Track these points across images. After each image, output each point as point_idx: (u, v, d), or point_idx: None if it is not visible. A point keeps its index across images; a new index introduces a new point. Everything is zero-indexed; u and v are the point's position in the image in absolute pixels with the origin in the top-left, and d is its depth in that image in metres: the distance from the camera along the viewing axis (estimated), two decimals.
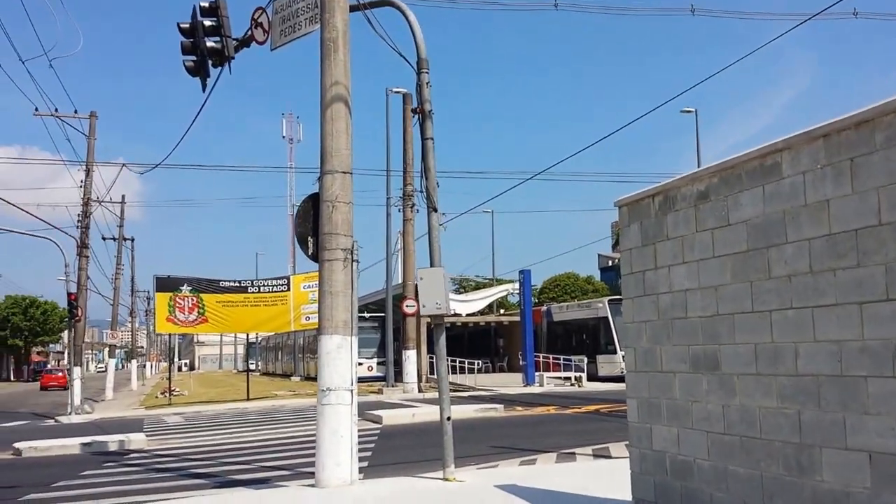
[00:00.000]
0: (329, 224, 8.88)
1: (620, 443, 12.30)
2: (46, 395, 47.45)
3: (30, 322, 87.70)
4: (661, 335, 6.50)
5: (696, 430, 6.05)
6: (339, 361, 8.72)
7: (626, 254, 7.05)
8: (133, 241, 58.07)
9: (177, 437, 17.39)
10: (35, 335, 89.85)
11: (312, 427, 17.87)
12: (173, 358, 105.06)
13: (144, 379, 69.36)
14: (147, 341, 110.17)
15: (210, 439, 16.59)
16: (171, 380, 38.79)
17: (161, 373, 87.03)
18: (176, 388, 40.39)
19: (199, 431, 18.53)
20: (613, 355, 34.56)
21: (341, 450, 8.61)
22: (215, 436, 17.22)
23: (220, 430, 18.72)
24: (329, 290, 8.83)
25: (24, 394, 54.75)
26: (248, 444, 15.17)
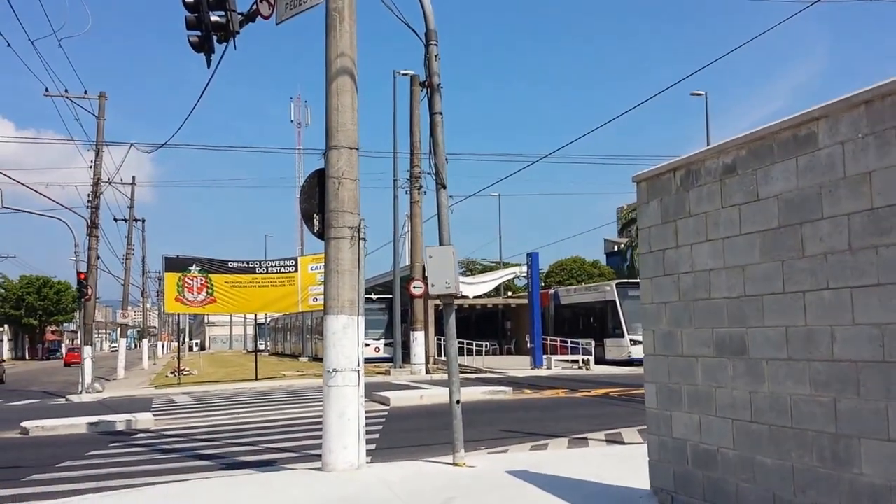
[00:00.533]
0: (335, 201, 8.49)
1: (633, 428, 11.95)
2: (59, 374, 47.32)
3: (44, 302, 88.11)
4: (682, 317, 6.11)
5: (720, 418, 5.67)
6: (345, 342, 8.35)
7: (645, 232, 6.64)
8: (144, 221, 57.95)
9: (184, 417, 17.10)
10: (49, 315, 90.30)
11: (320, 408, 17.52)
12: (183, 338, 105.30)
13: (156, 358, 69.30)
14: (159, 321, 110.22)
15: (217, 419, 16.30)
16: (181, 360, 38.62)
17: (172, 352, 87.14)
18: (185, 368, 40.22)
19: (207, 411, 18.25)
20: (621, 339, 34.11)
21: (348, 433, 8.27)
22: (223, 416, 16.93)
23: (227, 410, 18.44)
24: (335, 269, 8.45)
25: (37, 372, 54.80)
26: (256, 425, 14.86)
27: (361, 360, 8.51)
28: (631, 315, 33.65)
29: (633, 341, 33.22)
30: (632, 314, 33.63)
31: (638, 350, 33.32)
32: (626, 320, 33.79)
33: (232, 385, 27.53)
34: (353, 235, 8.45)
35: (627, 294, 34.46)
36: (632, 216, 63.60)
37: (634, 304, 33.86)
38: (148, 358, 56.19)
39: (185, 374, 36.58)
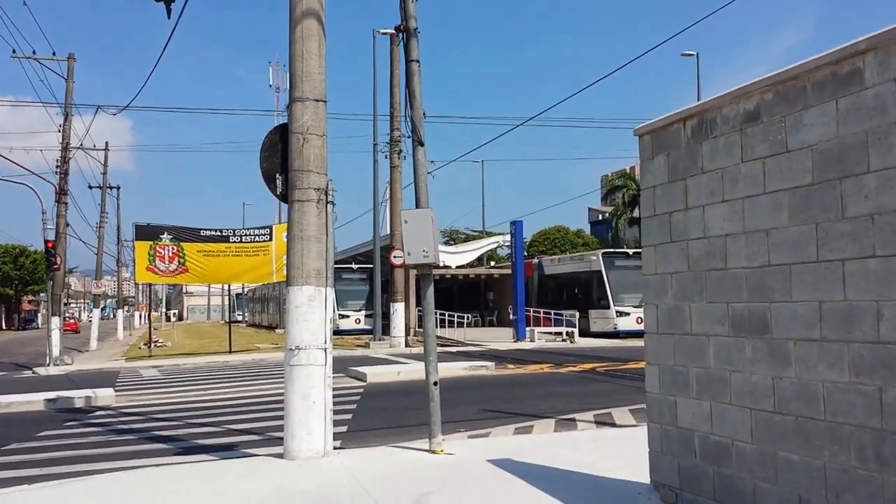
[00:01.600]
0: (299, 159, 7.65)
1: (623, 408, 11.26)
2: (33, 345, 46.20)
3: (20, 271, 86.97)
4: (691, 290, 5.35)
5: (735, 407, 4.93)
6: (310, 316, 7.55)
7: (648, 193, 5.86)
8: (119, 189, 56.64)
9: (148, 393, 16.29)
10: (25, 284, 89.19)
11: None
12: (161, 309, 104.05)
13: (132, 329, 68.35)
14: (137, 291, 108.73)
15: (183, 396, 15.51)
16: (157, 331, 37.68)
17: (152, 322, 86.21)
18: (159, 340, 39.35)
19: (173, 387, 17.44)
20: (607, 310, 33.49)
21: (313, 417, 7.49)
22: (189, 392, 16.13)
23: (195, 385, 17.63)
24: (300, 235, 7.62)
25: (10, 342, 53.74)
26: (221, 402, 14.08)
27: (329, 337, 7.71)
28: (617, 286, 33.09)
29: (619, 313, 32.72)
30: (618, 285, 33.10)
31: (624, 322, 32.84)
32: (613, 291, 33.18)
33: (204, 358, 26.70)
34: (320, 198, 7.62)
35: (614, 264, 33.88)
36: (617, 183, 62.84)
37: (621, 275, 33.32)
38: (123, 329, 55.23)
39: (159, 346, 35.74)
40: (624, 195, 59.93)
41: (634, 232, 60.98)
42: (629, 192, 59.52)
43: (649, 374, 5.83)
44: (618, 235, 60.50)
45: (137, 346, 36.98)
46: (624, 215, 59.98)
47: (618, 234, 60.81)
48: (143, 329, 70.69)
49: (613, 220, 62.27)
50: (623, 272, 33.52)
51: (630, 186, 60.15)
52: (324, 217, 7.65)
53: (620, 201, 60.76)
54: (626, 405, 11.52)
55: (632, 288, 33.16)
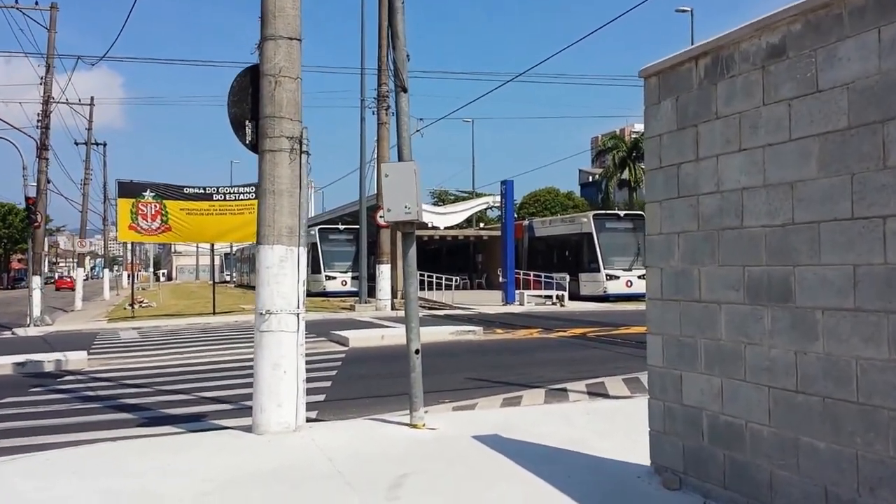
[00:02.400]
0: (271, 104, 6.98)
1: (616, 377, 10.74)
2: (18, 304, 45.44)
3: (9, 229, 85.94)
4: (701, 251, 4.76)
5: (750, 384, 4.37)
6: (281, 278, 6.94)
7: (654, 142, 5.24)
8: (105, 145, 55.43)
9: (123, 356, 15.72)
10: (14, 242, 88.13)
11: None
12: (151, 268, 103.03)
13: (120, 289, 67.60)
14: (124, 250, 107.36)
15: (157, 360, 14.92)
16: (143, 291, 37.00)
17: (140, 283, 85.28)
18: (144, 300, 38.74)
19: (149, 350, 16.84)
20: (597, 273, 33.00)
21: (283, 388, 6.92)
22: (164, 356, 15.53)
23: (172, 348, 17.05)
24: (271, 189, 6.98)
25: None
26: (196, 367, 13.50)
27: (302, 301, 7.11)
28: (608, 248, 32.65)
29: (610, 276, 32.30)
30: (609, 248, 32.66)
31: (614, 286, 32.40)
32: (603, 254, 32.70)
33: (186, 319, 26.08)
34: (293, 147, 6.97)
35: (605, 226, 33.38)
36: (609, 144, 62.22)
37: (612, 237, 32.86)
38: (111, 289, 54.45)
39: (144, 307, 35.16)
40: (614, 157, 59.50)
41: (624, 194, 60.61)
42: (619, 153, 59.13)
43: (651, 345, 5.27)
44: (608, 197, 60.10)
45: (122, 307, 36.33)
46: (614, 177, 59.61)
47: (608, 195, 60.41)
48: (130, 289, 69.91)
49: (603, 181, 61.78)
50: (614, 234, 33.07)
51: (620, 148, 59.71)
52: (297, 169, 7.01)
53: (610, 163, 60.33)
54: (620, 373, 11.00)
55: (622, 251, 32.79)
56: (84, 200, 48.45)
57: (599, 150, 66.56)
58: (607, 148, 62.34)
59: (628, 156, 58.26)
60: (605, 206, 50.04)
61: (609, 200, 59.17)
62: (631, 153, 57.95)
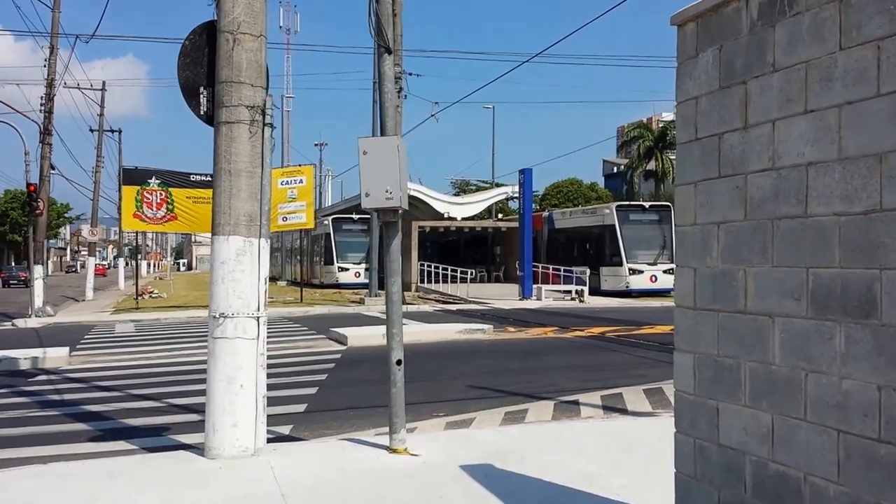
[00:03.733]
0: (228, 67, 5.93)
1: (636, 387, 9.63)
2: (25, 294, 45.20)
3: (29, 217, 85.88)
4: (748, 248, 3.66)
5: (812, 425, 3.28)
6: (238, 275, 5.91)
7: (688, 107, 4.13)
8: (120, 132, 54.62)
9: (107, 354, 14.83)
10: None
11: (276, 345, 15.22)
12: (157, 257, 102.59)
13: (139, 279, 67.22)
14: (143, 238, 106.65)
15: (143, 357, 14.02)
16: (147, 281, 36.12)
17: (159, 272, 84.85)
18: (154, 291, 38.05)
19: (139, 345, 15.93)
20: (619, 267, 31.93)
21: (240, 405, 5.90)
22: (152, 352, 14.57)
23: (163, 343, 16.11)
24: (227, 168, 5.94)
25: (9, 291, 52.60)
26: (180, 366, 12.53)
27: (263, 303, 6.07)
28: (631, 241, 31.63)
29: (632, 270, 31.31)
30: (632, 241, 31.65)
31: (637, 280, 31.31)
32: (626, 247, 31.64)
33: (189, 312, 25.12)
34: (254, 119, 5.93)
35: (628, 218, 32.33)
36: (633, 134, 60.84)
37: (635, 230, 31.82)
38: (125, 278, 53.78)
39: (154, 297, 34.55)
40: (639, 146, 58.23)
41: (650, 185, 59.27)
42: (645, 142, 57.79)
43: (680, 366, 4.18)
44: (633, 189, 58.91)
45: (133, 297, 35.56)
46: (639, 168, 58.34)
47: (633, 187, 59.23)
48: (149, 279, 69.27)
49: (628, 172, 60.48)
50: (638, 227, 32.11)
51: (647, 137, 58.38)
52: (259, 144, 5.97)
53: (636, 153, 59.07)
54: (640, 382, 9.90)
55: (646, 244, 31.77)
56: (95, 188, 47.76)
57: (625, 139, 65.08)
58: (633, 137, 60.98)
59: (655, 145, 57.04)
60: (630, 198, 48.75)
61: (634, 192, 57.84)
62: (658, 143, 56.77)
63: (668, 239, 31.49)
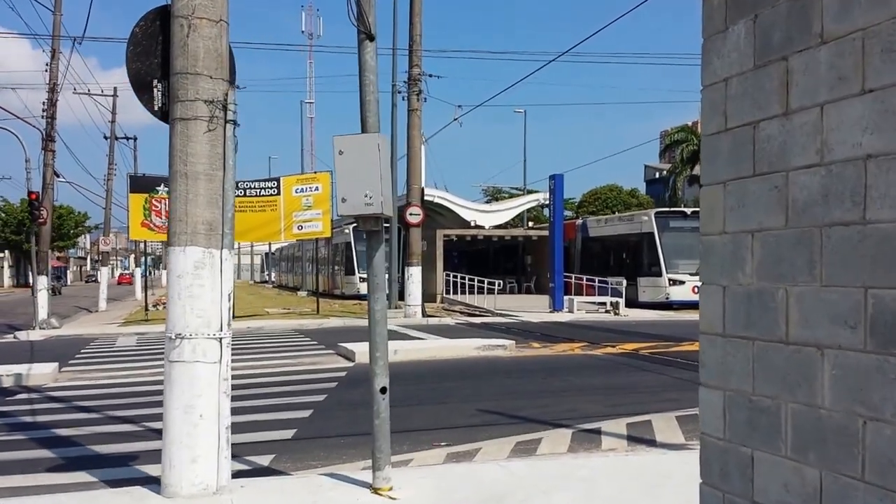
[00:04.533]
0: (183, 56, 5.42)
1: (668, 414, 8.97)
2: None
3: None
4: (790, 262, 3.06)
5: (873, 487, 2.67)
6: (197, 291, 5.40)
7: (716, 92, 3.54)
8: (136, 140, 54.76)
9: (102, 368, 14.48)
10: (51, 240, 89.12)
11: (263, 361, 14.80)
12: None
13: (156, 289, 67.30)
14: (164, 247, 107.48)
15: (134, 374, 13.59)
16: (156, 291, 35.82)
17: None
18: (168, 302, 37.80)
19: (135, 360, 15.50)
20: (658, 278, 31.17)
21: (200, 438, 5.39)
22: (144, 369, 14.09)
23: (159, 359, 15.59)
24: (183, 171, 5.43)
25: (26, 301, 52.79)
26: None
27: (227, 321, 5.55)
28: (671, 250, 30.90)
29: (673, 281, 30.57)
30: (672, 249, 30.92)
31: (677, 291, 30.50)
32: (666, 256, 30.91)
33: None
34: (214, 115, 5.41)
35: (668, 225, 31.59)
36: (677, 138, 59.93)
37: (676, 238, 31.10)
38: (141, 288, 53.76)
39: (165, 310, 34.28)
40: (683, 151, 57.34)
41: (695, 191, 58.26)
42: (689, 146, 56.80)
43: (707, 404, 3.57)
44: (676, 195, 58.10)
45: (146, 308, 35.35)
46: (683, 173, 57.43)
47: (676, 193, 58.40)
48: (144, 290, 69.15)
49: (671, 178, 59.60)
50: (679, 234, 31.38)
51: (691, 141, 57.37)
52: (220, 143, 5.44)
53: (679, 158, 58.22)
54: (672, 408, 9.24)
55: (688, 253, 31.00)
56: (108, 196, 47.98)
57: (668, 143, 64.13)
58: (676, 141, 60.06)
59: (698, 150, 55.80)
60: (672, 205, 47.94)
61: (678, 198, 56.92)
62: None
63: None
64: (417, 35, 25.43)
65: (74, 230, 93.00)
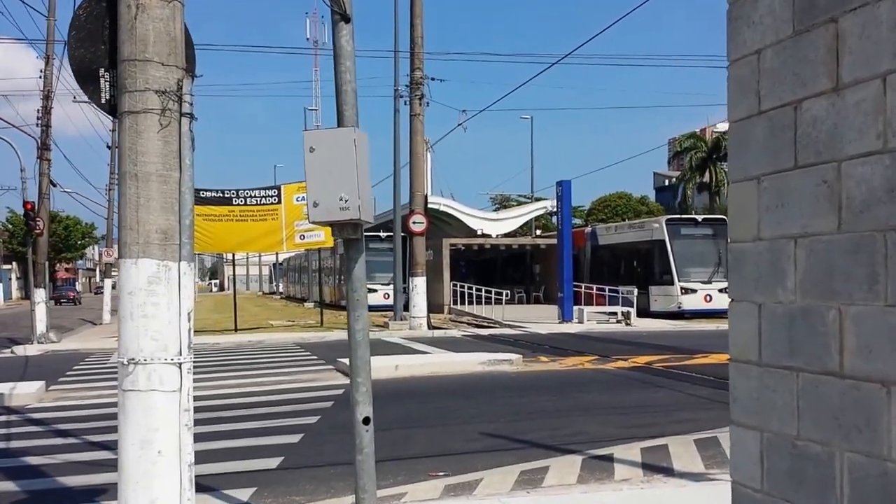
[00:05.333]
0: (131, 41, 4.82)
1: (686, 437, 8.32)
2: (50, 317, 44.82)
3: (52, 237, 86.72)
4: (843, 274, 2.45)
5: None
6: (151, 310, 4.77)
7: (746, 66, 2.93)
8: None
9: (88, 388, 13.89)
10: (57, 251, 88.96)
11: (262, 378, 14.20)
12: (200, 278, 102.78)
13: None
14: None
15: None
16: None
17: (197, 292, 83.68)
18: None
19: None
20: (669, 286, 30.60)
21: (158, 477, 4.77)
22: None
23: None
24: (132, 171, 4.82)
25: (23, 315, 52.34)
26: None
27: (188, 345, 4.92)
28: (683, 258, 30.36)
29: (685, 289, 29.99)
30: (684, 257, 30.39)
31: (689, 300, 29.89)
32: (677, 264, 30.38)
33: (199, 338, 23.97)
34: (167, 107, 4.80)
35: (679, 232, 31.09)
36: (686, 145, 59.63)
37: (687, 245, 30.68)
38: None
39: None
40: (692, 158, 57.28)
41: (704, 199, 57.80)
42: (698, 154, 56.67)
43: (739, 446, 2.96)
44: (686, 202, 57.76)
45: None
46: (692, 180, 57.23)
47: (686, 200, 58.10)
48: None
49: (680, 185, 59.32)
50: (690, 242, 30.93)
51: (700, 148, 57.19)
52: (175, 139, 4.83)
53: (688, 165, 58.03)
54: (690, 429, 8.60)
55: (700, 261, 30.57)
56: (110, 206, 47.35)
57: (676, 151, 63.96)
58: (685, 148, 59.85)
59: (708, 157, 56.05)
60: (682, 212, 47.39)
61: (687, 206, 56.59)
62: (711, 154, 55.86)
63: (723, 255, 30.63)
64: (419, 37, 24.88)
65: (81, 241, 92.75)
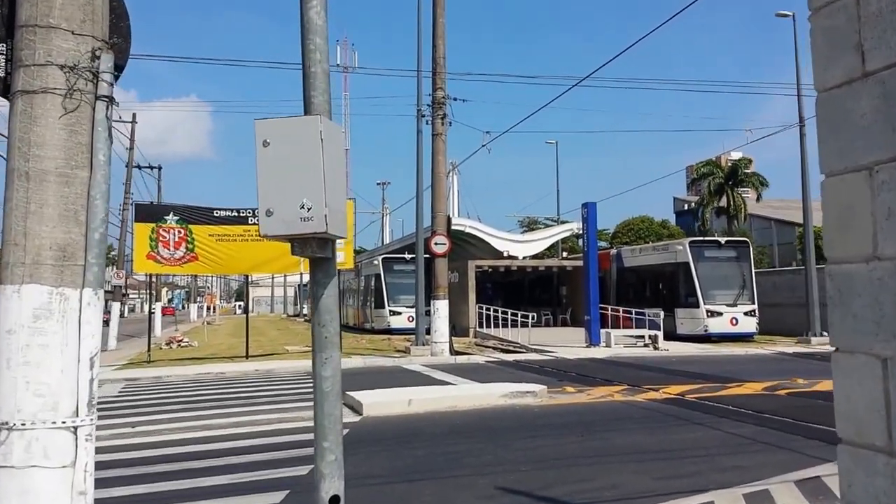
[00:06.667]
0: (30, 2, 3.61)
1: (733, 491, 6.87)
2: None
3: None
4: None
5: None
6: (35, 355, 3.46)
7: (839, 13, 1.63)
8: (160, 169, 53.44)
9: None
10: None
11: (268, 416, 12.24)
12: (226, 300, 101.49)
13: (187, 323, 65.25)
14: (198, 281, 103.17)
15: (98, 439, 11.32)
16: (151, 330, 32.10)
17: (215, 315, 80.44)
18: (185, 339, 35.99)
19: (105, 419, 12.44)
20: (695, 309, 29.40)
21: None
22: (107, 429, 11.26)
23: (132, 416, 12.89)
24: (22, 170, 3.55)
25: None
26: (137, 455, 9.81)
27: (88, 401, 3.63)
28: (707, 280, 29.30)
29: (711, 312, 28.91)
30: (708, 279, 29.36)
31: (715, 323, 28.73)
32: (702, 286, 29.32)
33: (206, 366, 21.82)
34: (75, 87, 3.56)
35: (703, 254, 30.16)
36: (703, 171, 59.85)
37: (711, 267, 29.86)
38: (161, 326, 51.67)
39: (183, 347, 32.48)
40: (710, 183, 57.90)
41: (722, 223, 57.54)
42: (715, 179, 57.12)
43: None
44: (705, 226, 57.44)
45: (159, 347, 32.69)
46: (710, 205, 57.34)
47: (705, 224, 57.76)
48: (196, 324, 66.54)
49: (699, 209, 59.17)
50: (714, 264, 29.97)
51: (717, 174, 57.49)
52: (84, 128, 3.58)
53: (706, 190, 58.14)
54: (736, 480, 7.18)
55: (724, 283, 29.60)
56: (122, 227, 45.97)
57: (694, 177, 64.34)
58: (702, 174, 60.18)
59: (725, 182, 56.61)
60: (702, 235, 46.45)
61: (706, 229, 56.26)
62: (728, 179, 56.61)
63: (746, 278, 29.82)
64: (441, 57, 23.75)
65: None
